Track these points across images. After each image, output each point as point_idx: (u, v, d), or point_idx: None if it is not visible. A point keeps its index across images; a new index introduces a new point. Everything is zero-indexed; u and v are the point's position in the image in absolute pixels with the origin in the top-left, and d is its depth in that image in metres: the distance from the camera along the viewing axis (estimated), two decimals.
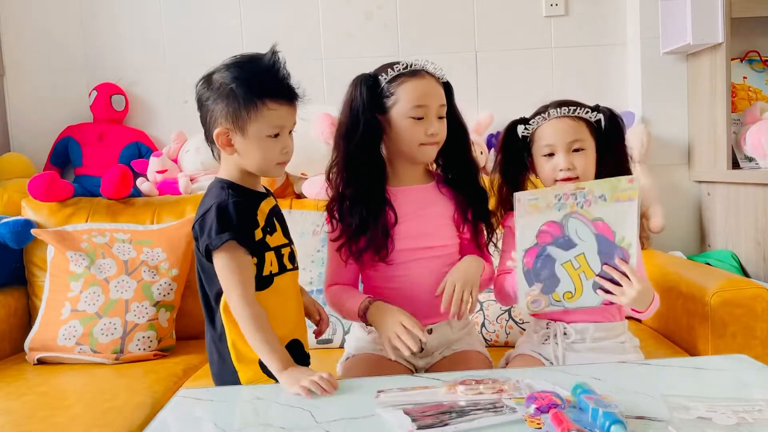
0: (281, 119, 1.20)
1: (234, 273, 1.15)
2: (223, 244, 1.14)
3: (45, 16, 2.40)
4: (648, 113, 2.29)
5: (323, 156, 2.09)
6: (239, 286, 1.15)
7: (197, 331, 2.03)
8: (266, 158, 1.20)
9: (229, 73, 1.18)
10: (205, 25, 2.39)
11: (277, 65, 1.20)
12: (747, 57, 2.32)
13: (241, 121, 1.17)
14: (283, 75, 1.20)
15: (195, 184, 2.26)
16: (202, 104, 1.22)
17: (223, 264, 1.16)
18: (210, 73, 1.22)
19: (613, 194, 1.17)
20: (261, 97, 1.16)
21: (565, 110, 1.33)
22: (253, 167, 1.22)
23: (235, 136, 1.18)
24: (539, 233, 1.20)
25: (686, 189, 2.32)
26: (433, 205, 1.43)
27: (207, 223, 1.17)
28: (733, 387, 1.07)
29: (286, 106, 1.20)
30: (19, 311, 2.02)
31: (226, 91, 1.17)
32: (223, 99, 1.17)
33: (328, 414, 0.99)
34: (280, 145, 1.21)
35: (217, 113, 1.18)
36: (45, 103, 2.42)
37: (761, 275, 1.91)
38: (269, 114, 1.17)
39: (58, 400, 1.55)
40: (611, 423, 0.85)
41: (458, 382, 1.05)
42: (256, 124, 1.17)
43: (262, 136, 1.18)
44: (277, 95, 1.18)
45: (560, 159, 1.33)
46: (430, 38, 2.37)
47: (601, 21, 2.36)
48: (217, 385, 1.26)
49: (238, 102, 1.16)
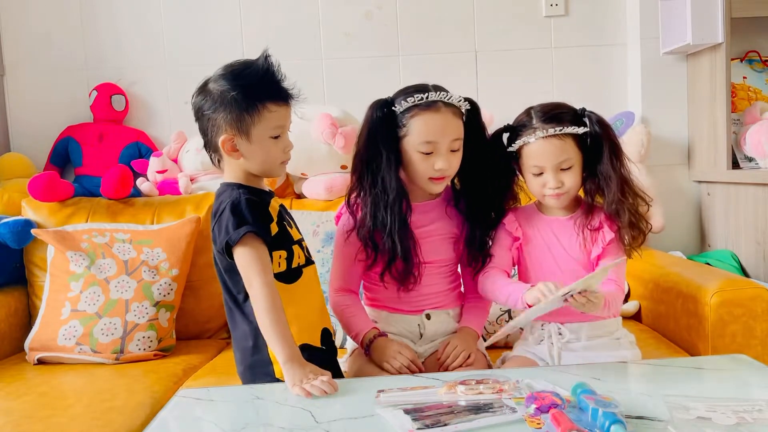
0: (281, 120, 1.24)
1: (255, 262, 1.17)
2: (241, 237, 1.17)
3: (45, 16, 2.40)
4: (648, 113, 2.29)
5: (323, 156, 2.10)
6: (261, 274, 1.17)
7: (197, 331, 2.04)
8: (270, 159, 1.25)
9: (226, 82, 1.21)
10: (205, 25, 2.39)
11: (272, 69, 1.24)
12: (747, 57, 2.32)
13: (245, 125, 1.21)
14: (279, 77, 1.24)
15: (195, 184, 2.26)
16: (202, 114, 1.25)
17: (243, 256, 1.18)
18: (204, 83, 1.25)
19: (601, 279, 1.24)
20: (262, 100, 1.21)
21: (551, 130, 1.32)
22: (257, 169, 1.26)
23: (240, 141, 1.22)
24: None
25: (686, 189, 2.32)
26: (438, 221, 1.44)
27: (223, 221, 1.20)
28: (733, 387, 1.07)
29: (285, 107, 1.25)
30: (19, 311, 2.02)
31: (227, 98, 1.20)
32: (225, 107, 1.21)
33: (328, 414, 0.99)
34: (282, 145, 1.26)
35: (220, 121, 1.22)
36: (45, 103, 2.41)
37: (761, 275, 1.91)
38: (270, 116, 1.22)
39: (57, 400, 1.55)
40: (611, 423, 0.85)
41: (458, 382, 1.05)
42: (259, 127, 1.21)
43: (266, 138, 1.23)
44: (276, 97, 1.23)
45: (549, 178, 1.33)
46: (430, 38, 2.37)
47: (601, 21, 2.36)
48: (246, 383, 1.27)
49: (240, 108, 1.20)
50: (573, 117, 1.34)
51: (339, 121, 2.05)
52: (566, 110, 1.35)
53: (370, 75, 2.37)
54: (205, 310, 2.04)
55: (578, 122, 1.33)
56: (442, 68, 2.35)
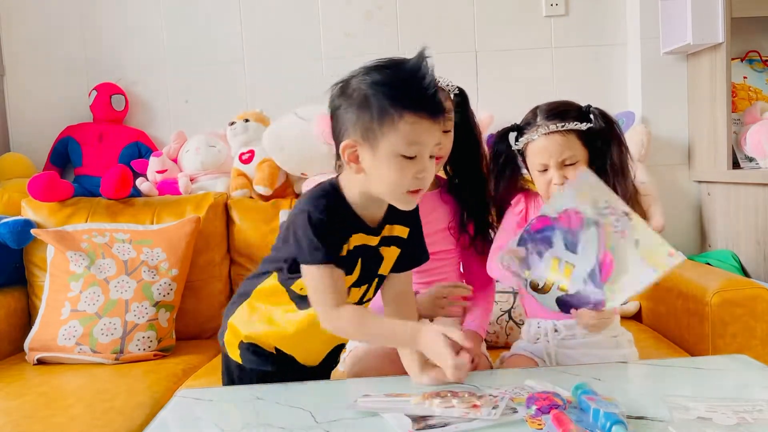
0: (420, 136, 1.02)
1: (324, 287, 1.07)
2: (313, 263, 1.06)
3: (45, 16, 2.40)
4: (648, 113, 2.29)
5: (323, 156, 2.10)
6: (328, 299, 1.07)
7: (197, 331, 2.04)
8: (396, 182, 1.03)
9: (366, 78, 1.04)
10: (205, 25, 2.38)
11: (423, 71, 1.03)
12: (747, 57, 2.32)
13: (372, 134, 1.02)
14: (428, 84, 1.03)
15: (195, 184, 2.26)
16: (335, 113, 1.08)
17: (312, 277, 1.08)
18: (348, 77, 1.08)
19: (645, 251, 1.12)
20: (398, 107, 1.01)
21: (553, 126, 1.32)
22: (379, 191, 1.06)
23: (364, 150, 1.03)
24: (564, 212, 1.16)
25: (686, 189, 2.32)
26: (434, 211, 1.44)
27: (299, 227, 1.07)
28: (733, 387, 1.07)
29: (428, 122, 1.02)
30: (19, 311, 2.02)
31: (360, 98, 1.03)
32: (356, 107, 1.03)
33: (328, 414, 0.98)
34: (416, 169, 1.03)
35: (348, 123, 1.04)
36: (45, 103, 2.42)
37: (761, 275, 1.91)
38: (406, 129, 1.01)
39: (57, 400, 1.55)
40: (612, 423, 0.85)
41: (434, 393, 1.02)
42: (389, 140, 1.01)
43: (395, 155, 1.02)
44: (417, 107, 1.01)
45: (553, 175, 1.33)
46: (430, 38, 2.36)
47: (601, 21, 2.36)
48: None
49: (371, 112, 1.01)
50: (577, 114, 1.34)
51: None
52: (570, 107, 1.36)
53: None
54: (205, 310, 2.04)
55: (582, 118, 1.33)
56: (442, 68, 2.30)
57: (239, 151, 2.23)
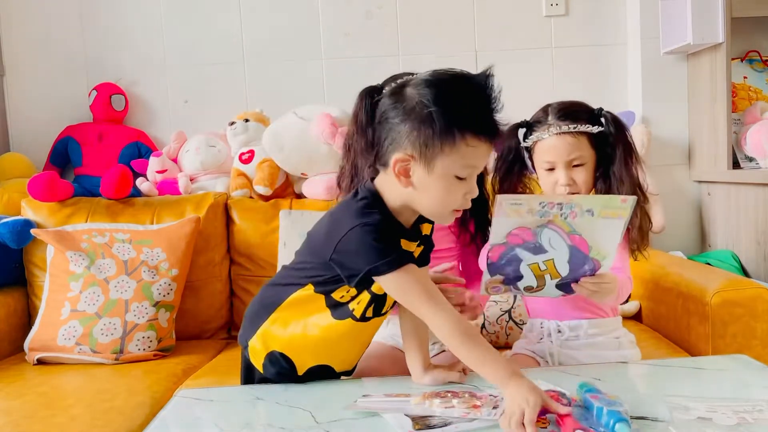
0: (477, 159, 1.01)
1: (413, 289, 1.02)
2: (392, 270, 1.00)
3: (45, 16, 2.40)
4: (648, 113, 2.29)
5: (323, 156, 2.10)
6: (427, 300, 1.01)
7: (197, 331, 2.04)
8: (445, 202, 1.02)
9: (429, 92, 0.99)
10: (205, 25, 2.38)
11: (490, 92, 1.01)
12: (747, 57, 2.32)
13: (431, 152, 0.98)
14: (494, 107, 1.01)
15: (195, 184, 2.26)
16: (386, 119, 1.03)
17: (397, 285, 1.02)
18: (402, 84, 1.04)
19: (602, 211, 1.11)
20: (462, 129, 0.98)
21: (565, 127, 1.32)
22: (424, 208, 1.05)
23: (417, 166, 1.00)
24: (510, 235, 1.14)
25: (686, 189, 2.32)
26: None
27: (356, 242, 1.01)
28: (733, 387, 1.07)
29: (486, 144, 1.01)
30: (19, 311, 2.02)
31: (422, 113, 0.98)
32: (415, 121, 0.99)
33: (328, 414, 0.98)
34: (465, 189, 1.02)
35: (403, 135, 1.00)
36: (45, 103, 2.41)
37: (761, 275, 1.91)
38: (467, 151, 0.99)
39: (57, 400, 1.55)
40: (615, 421, 0.85)
41: (434, 393, 1.03)
42: (448, 160, 0.99)
43: (449, 175, 1.00)
44: (481, 131, 1.00)
45: (560, 175, 1.33)
46: (430, 38, 2.37)
47: (601, 21, 2.36)
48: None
49: (433, 129, 0.98)
50: (589, 116, 1.34)
51: (339, 121, 2.05)
52: (583, 109, 1.35)
53: (370, 75, 2.34)
54: (205, 310, 2.04)
55: (594, 121, 1.33)
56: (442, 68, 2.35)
57: (239, 151, 2.23)
